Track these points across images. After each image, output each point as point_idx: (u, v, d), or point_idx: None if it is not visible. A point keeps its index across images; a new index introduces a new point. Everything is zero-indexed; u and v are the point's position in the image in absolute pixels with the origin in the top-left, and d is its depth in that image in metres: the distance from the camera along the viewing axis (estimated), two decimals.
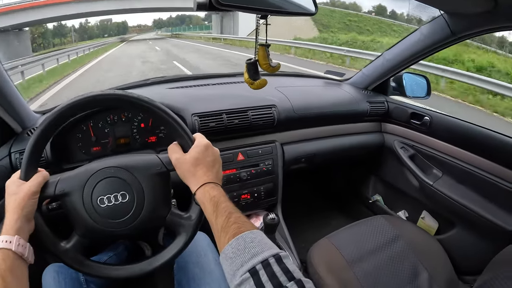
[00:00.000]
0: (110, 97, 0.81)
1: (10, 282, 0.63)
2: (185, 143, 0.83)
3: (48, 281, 0.97)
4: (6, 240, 0.68)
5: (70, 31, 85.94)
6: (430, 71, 7.28)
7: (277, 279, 0.54)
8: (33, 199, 0.75)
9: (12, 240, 0.68)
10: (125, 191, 0.81)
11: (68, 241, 0.83)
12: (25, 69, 9.90)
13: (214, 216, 0.70)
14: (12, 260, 0.66)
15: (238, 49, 18.15)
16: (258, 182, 1.46)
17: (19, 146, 1.18)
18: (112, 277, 0.87)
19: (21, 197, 0.73)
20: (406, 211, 1.84)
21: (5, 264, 0.65)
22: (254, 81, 0.96)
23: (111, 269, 0.87)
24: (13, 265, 0.66)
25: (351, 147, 1.73)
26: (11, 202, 0.73)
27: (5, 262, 0.65)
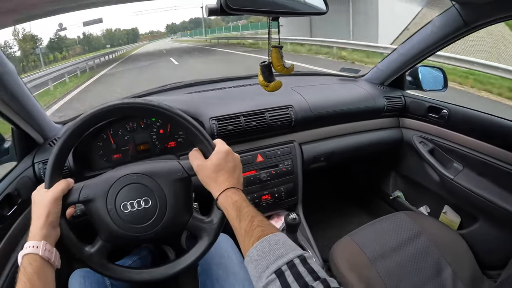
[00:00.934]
0: (131, 106, 0.85)
1: (37, 285, 0.66)
2: (205, 149, 0.86)
3: (75, 285, 1.01)
4: (33, 245, 0.71)
5: (71, 44, 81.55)
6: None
7: (303, 279, 0.56)
8: (58, 205, 0.80)
9: (39, 245, 0.71)
10: (147, 197, 0.84)
11: (92, 246, 0.87)
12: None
13: (237, 221, 0.72)
14: (39, 264, 0.70)
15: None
16: (278, 183, 1.49)
17: (41, 157, 1.24)
18: (136, 280, 0.90)
19: (45, 204, 0.77)
20: (427, 206, 1.84)
21: (32, 268, 0.68)
22: (268, 83, 0.97)
23: (135, 272, 0.91)
24: (40, 269, 0.69)
25: (369, 144, 1.74)
26: (36, 209, 0.78)
27: (32, 266, 0.69)
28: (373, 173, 2.17)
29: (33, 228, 0.76)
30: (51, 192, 0.79)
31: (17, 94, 1.05)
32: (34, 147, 1.28)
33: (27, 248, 0.71)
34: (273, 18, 0.88)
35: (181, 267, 0.89)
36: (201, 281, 1.08)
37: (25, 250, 0.71)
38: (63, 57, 62.68)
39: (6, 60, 0.96)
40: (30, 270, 0.68)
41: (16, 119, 1.12)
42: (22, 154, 1.24)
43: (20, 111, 1.11)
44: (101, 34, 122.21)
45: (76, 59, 27.98)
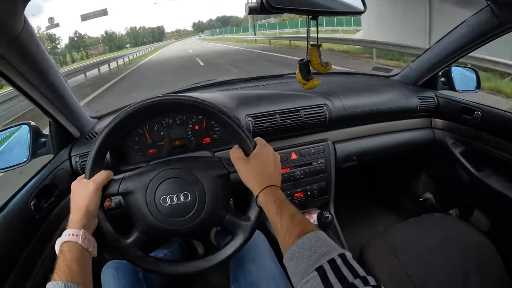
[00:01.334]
0: (175, 101, 0.87)
1: (76, 272, 0.68)
2: (246, 147, 0.87)
3: (107, 277, 1.04)
4: (72, 234, 0.74)
5: (94, 43, 77.86)
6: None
7: (344, 277, 0.56)
8: (98, 196, 0.83)
9: (78, 234, 0.74)
10: (187, 191, 0.86)
11: (128, 237, 0.89)
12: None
13: (278, 218, 0.73)
14: (78, 252, 0.72)
15: None
16: (311, 181, 1.50)
17: (78, 150, 1.29)
18: (171, 273, 0.92)
19: (86, 195, 0.80)
20: (457, 209, 1.83)
21: (71, 255, 0.70)
22: (306, 81, 0.98)
23: (173, 265, 0.93)
24: (79, 256, 0.72)
25: (401, 144, 1.73)
26: (77, 199, 0.81)
27: (71, 253, 0.71)
28: (403, 173, 2.15)
29: (73, 216, 0.79)
30: (92, 182, 0.82)
31: (58, 89, 1.10)
32: (70, 141, 1.33)
33: (67, 236, 0.74)
34: (312, 17, 0.89)
35: (216, 261, 0.92)
36: (232, 275, 1.10)
37: (64, 237, 0.74)
38: (81, 58, 61.90)
39: (48, 56, 0.99)
40: (70, 257, 0.70)
41: (55, 113, 1.16)
42: (58, 147, 1.28)
43: (59, 106, 1.15)
44: (125, 32, 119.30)
45: (94, 59, 25.78)
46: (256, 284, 1.00)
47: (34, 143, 1.19)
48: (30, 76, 0.93)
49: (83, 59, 51.89)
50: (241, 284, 1.03)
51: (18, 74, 0.89)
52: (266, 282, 1.00)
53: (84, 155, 1.28)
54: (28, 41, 0.84)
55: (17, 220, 1.03)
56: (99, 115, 1.54)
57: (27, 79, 0.93)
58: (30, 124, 1.19)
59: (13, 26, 0.75)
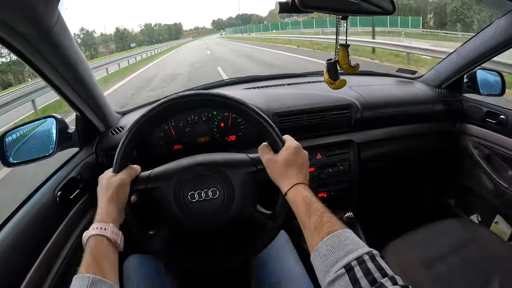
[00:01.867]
0: (203, 97, 0.87)
1: (104, 266, 0.68)
2: (275, 144, 0.88)
3: (130, 270, 1.06)
4: (101, 227, 0.74)
5: (102, 41, 72.39)
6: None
7: (372, 275, 0.57)
8: (127, 190, 0.84)
9: (107, 227, 0.74)
10: (215, 187, 0.87)
11: (154, 231, 0.90)
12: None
13: (307, 216, 0.73)
14: (106, 246, 0.72)
15: None
16: (335, 181, 1.51)
17: (104, 144, 1.32)
18: (193, 268, 0.94)
19: (115, 189, 0.81)
20: (479, 215, 1.82)
21: (98, 249, 0.71)
22: (334, 81, 0.98)
23: (193, 260, 0.94)
24: (107, 250, 0.72)
25: (424, 148, 1.74)
26: (105, 192, 0.81)
27: (99, 247, 0.71)
28: (425, 177, 2.13)
29: (101, 210, 0.79)
30: (120, 177, 0.83)
31: (87, 83, 1.11)
32: (96, 135, 1.35)
33: (95, 229, 0.74)
34: (342, 16, 0.89)
35: (240, 259, 0.93)
36: (256, 274, 1.10)
37: (92, 231, 0.74)
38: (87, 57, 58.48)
39: (79, 50, 1.01)
40: (97, 251, 0.70)
41: (82, 107, 1.18)
42: (84, 141, 1.31)
43: (87, 100, 1.17)
44: (139, 29, 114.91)
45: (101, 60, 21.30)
46: (279, 283, 1.00)
47: (60, 136, 1.20)
48: (61, 69, 0.95)
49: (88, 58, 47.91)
50: (263, 283, 1.04)
51: (50, 67, 0.91)
52: (289, 282, 1.00)
53: (109, 149, 1.30)
54: (62, 34, 0.85)
55: (43, 210, 1.04)
56: (123, 110, 1.56)
57: (59, 72, 0.95)
58: (56, 117, 1.21)
59: (48, 20, 0.76)
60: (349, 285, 0.57)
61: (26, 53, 0.82)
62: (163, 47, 40.77)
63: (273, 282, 1.02)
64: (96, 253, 0.69)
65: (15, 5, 0.65)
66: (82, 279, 0.63)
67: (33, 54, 0.83)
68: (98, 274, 0.64)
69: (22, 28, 0.72)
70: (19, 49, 0.79)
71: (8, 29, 0.70)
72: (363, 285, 0.56)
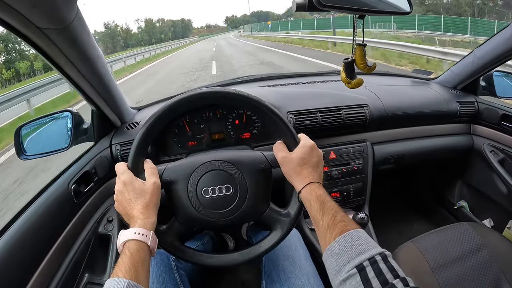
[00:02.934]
0: (219, 94, 0.88)
1: (140, 273, 0.68)
2: (290, 143, 0.89)
3: None
4: (143, 233, 0.74)
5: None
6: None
7: (384, 276, 0.57)
8: (160, 193, 0.84)
9: (148, 235, 0.74)
10: (229, 184, 0.87)
11: (166, 226, 0.91)
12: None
13: (320, 214, 0.74)
14: (146, 254, 0.73)
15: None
16: (348, 181, 1.52)
17: (119, 139, 1.33)
18: (205, 264, 0.93)
19: (151, 194, 0.81)
20: (491, 219, 1.80)
21: (139, 256, 0.70)
22: (351, 80, 0.98)
23: (205, 256, 0.94)
24: (145, 257, 0.72)
25: (438, 149, 1.72)
26: (142, 198, 0.79)
27: (139, 254, 0.71)
28: (438, 180, 2.13)
29: (138, 214, 0.78)
30: (154, 180, 0.83)
31: (104, 78, 1.13)
32: (111, 130, 1.37)
33: (137, 235, 0.73)
34: (359, 16, 0.89)
35: (252, 256, 0.92)
36: (266, 271, 1.11)
37: (133, 235, 0.73)
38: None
39: (97, 46, 1.02)
40: (137, 257, 0.70)
41: (99, 102, 1.20)
42: (99, 135, 1.33)
43: (103, 94, 1.18)
44: (137, 26, 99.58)
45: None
46: (289, 281, 1.01)
47: (76, 130, 1.23)
48: (78, 63, 0.96)
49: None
50: (274, 281, 1.04)
51: (68, 62, 0.92)
52: (300, 280, 1.00)
53: (124, 144, 1.32)
54: (80, 29, 0.86)
55: (57, 203, 1.06)
56: (138, 106, 1.58)
57: (76, 66, 0.96)
58: (72, 111, 1.23)
59: (67, 15, 0.77)
60: (360, 285, 0.58)
61: (44, 48, 0.83)
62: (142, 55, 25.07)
63: (283, 279, 1.03)
64: (136, 259, 0.69)
65: (35, 0, 0.66)
66: (118, 282, 0.63)
67: (51, 48, 0.84)
68: (135, 281, 0.65)
69: (41, 22, 0.73)
70: (37, 43, 0.81)
71: (28, 23, 0.71)
72: (374, 286, 0.57)
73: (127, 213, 0.79)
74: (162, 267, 1.08)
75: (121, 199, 0.81)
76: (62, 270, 1.03)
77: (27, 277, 0.88)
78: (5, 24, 0.71)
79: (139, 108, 1.58)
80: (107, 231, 1.26)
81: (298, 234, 1.22)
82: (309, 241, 1.43)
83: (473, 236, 1.32)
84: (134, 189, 0.80)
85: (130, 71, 16.46)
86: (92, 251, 1.19)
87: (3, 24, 0.71)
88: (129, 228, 0.75)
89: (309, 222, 1.47)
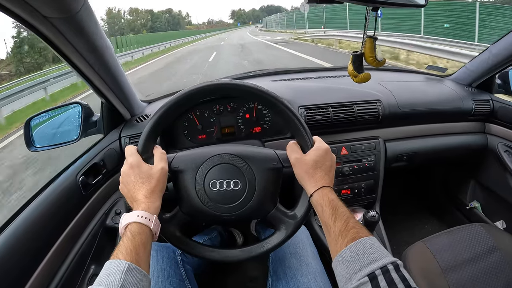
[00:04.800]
0: (238, 87, 0.88)
1: (141, 256, 0.67)
2: (304, 144, 0.87)
3: None
4: (146, 217, 0.73)
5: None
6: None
7: (395, 286, 0.57)
8: (166, 179, 0.84)
9: (151, 218, 0.74)
10: (238, 179, 0.86)
11: (170, 214, 0.90)
12: None
13: (332, 219, 0.73)
14: (147, 237, 0.72)
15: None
16: (359, 178, 1.51)
17: (128, 131, 1.34)
18: (206, 258, 0.92)
19: (157, 179, 0.80)
20: (504, 221, 1.78)
21: (141, 239, 0.70)
22: (358, 73, 0.97)
23: (210, 251, 0.93)
24: (147, 241, 0.72)
25: (452, 148, 1.71)
26: (147, 183, 0.79)
27: (141, 236, 0.70)
28: (450, 179, 2.12)
29: (141, 197, 0.78)
30: (162, 166, 0.82)
31: (113, 70, 1.13)
32: (121, 122, 1.38)
33: (140, 218, 0.73)
34: (372, 8, 0.89)
35: (256, 253, 0.91)
36: (272, 268, 1.10)
37: (136, 218, 0.73)
38: None
39: (105, 36, 1.02)
40: (139, 240, 0.69)
41: (108, 94, 1.20)
42: (109, 127, 1.34)
43: (113, 87, 1.19)
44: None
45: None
46: (295, 279, 1.01)
47: (85, 122, 1.24)
48: (86, 54, 0.96)
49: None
50: (280, 278, 1.04)
51: (75, 52, 0.92)
52: (306, 278, 1.00)
53: (134, 137, 1.33)
54: (87, 18, 0.86)
55: (64, 194, 1.07)
56: (148, 99, 1.60)
57: (84, 57, 0.96)
58: (82, 103, 1.24)
59: (74, 3, 0.77)
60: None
61: (51, 37, 0.83)
62: None
63: (289, 276, 1.02)
64: (137, 242, 0.69)
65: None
66: (118, 264, 0.63)
67: (58, 38, 0.84)
68: (135, 263, 0.65)
69: (48, 11, 0.73)
70: (44, 33, 0.81)
71: (34, 12, 0.71)
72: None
73: (132, 196, 0.79)
74: (168, 261, 1.08)
75: (127, 181, 0.81)
76: (69, 261, 1.04)
77: (33, 266, 0.89)
78: (12, 14, 0.71)
79: (149, 101, 1.59)
80: (114, 223, 1.26)
81: (306, 232, 1.22)
82: (318, 239, 1.43)
83: (485, 238, 1.31)
84: (140, 172, 0.80)
85: None
86: (99, 243, 1.21)
87: (10, 14, 0.70)
88: (132, 211, 0.76)
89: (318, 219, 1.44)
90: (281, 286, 1.02)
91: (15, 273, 0.84)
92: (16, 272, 0.84)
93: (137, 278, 0.63)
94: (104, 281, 0.60)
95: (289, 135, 1.41)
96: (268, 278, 1.10)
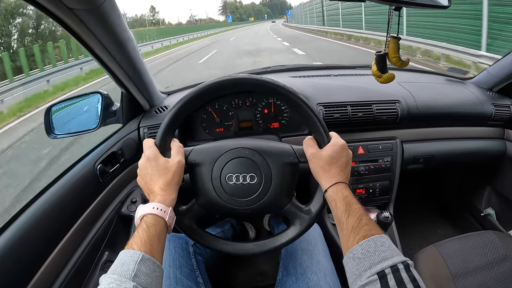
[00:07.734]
0: (257, 82, 0.89)
1: (155, 247, 0.69)
2: (321, 140, 0.89)
3: None
4: (161, 209, 0.75)
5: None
6: None
7: (404, 286, 0.57)
8: (182, 172, 0.86)
9: (167, 211, 0.76)
10: (254, 173, 0.88)
11: (186, 206, 0.92)
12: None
13: (345, 216, 0.74)
14: (162, 228, 0.74)
15: None
16: (374, 178, 1.52)
17: (147, 122, 1.38)
18: (218, 250, 0.95)
19: (174, 172, 0.82)
20: None
21: (155, 230, 0.72)
22: (382, 74, 0.98)
23: (220, 242, 0.96)
24: (161, 233, 0.74)
25: (470, 153, 1.70)
26: (164, 175, 0.81)
27: (155, 228, 0.72)
28: (466, 185, 2.11)
29: (158, 189, 0.80)
30: (179, 159, 0.84)
31: (134, 61, 1.16)
32: (140, 113, 1.42)
33: (155, 209, 0.75)
34: (395, 8, 0.89)
35: (269, 248, 0.93)
36: (283, 263, 1.12)
37: (152, 209, 0.75)
38: None
39: (128, 29, 1.05)
40: (153, 231, 0.71)
41: (129, 85, 1.24)
42: (128, 117, 1.38)
43: (134, 78, 1.22)
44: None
45: None
46: (305, 276, 1.02)
47: (105, 112, 1.27)
48: (109, 45, 0.99)
49: None
50: (290, 273, 1.06)
51: (98, 43, 0.95)
52: (316, 275, 1.01)
53: (152, 127, 1.36)
54: (111, 11, 0.88)
55: (82, 182, 1.11)
56: (168, 91, 1.63)
57: (107, 48, 0.99)
58: (102, 93, 1.28)
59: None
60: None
61: (75, 28, 0.85)
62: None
63: (299, 273, 1.04)
64: (152, 233, 0.71)
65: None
66: (132, 254, 0.65)
67: (82, 29, 0.86)
68: (149, 253, 0.66)
69: (72, 3, 0.75)
70: (68, 24, 0.83)
71: (59, 3, 0.74)
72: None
73: (148, 188, 0.82)
74: (180, 251, 1.11)
75: (144, 174, 0.83)
76: (83, 247, 1.08)
77: (48, 250, 0.93)
78: (37, 4, 0.73)
79: (168, 93, 1.62)
80: (130, 211, 1.30)
81: (319, 229, 1.24)
82: (330, 237, 1.45)
83: (498, 246, 1.31)
84: (157, 165, 0.82)
85: None
86: (113, 230, 1.25)
87: (35, 4, 0.73)
88: (148, 203, 0.78)
89: (331, 217, 1.47)
90: (290, 282, 1.04)
91: (30, 256, 0.87)
92: (32, 255, 0.87)
93: (150, 268, 0.65)
94: (118, 270, 0.62)
95: (307, 132, 1.42)
96: (278, 273, 1.12)
